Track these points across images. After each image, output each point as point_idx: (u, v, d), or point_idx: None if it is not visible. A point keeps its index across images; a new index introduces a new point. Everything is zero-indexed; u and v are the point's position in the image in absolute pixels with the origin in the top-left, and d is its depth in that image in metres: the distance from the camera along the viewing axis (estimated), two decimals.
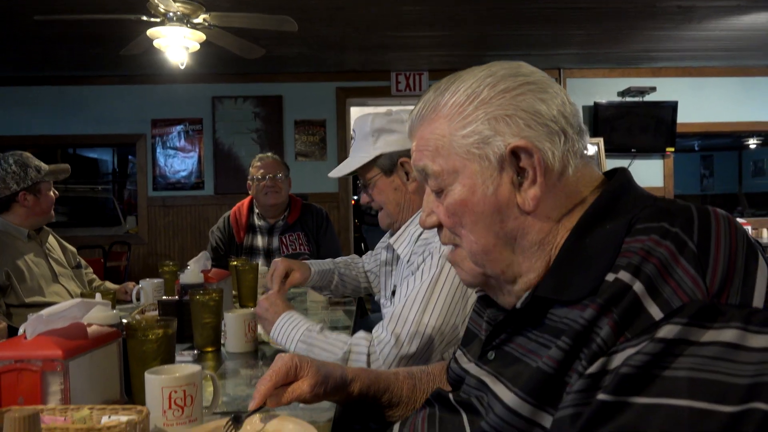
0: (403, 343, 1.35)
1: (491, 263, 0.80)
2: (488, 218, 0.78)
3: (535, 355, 0.73)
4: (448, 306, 1.38)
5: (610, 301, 0.62)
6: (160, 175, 5.96)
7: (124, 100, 5.89)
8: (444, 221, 0.83)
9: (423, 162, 0.82)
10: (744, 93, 6.14)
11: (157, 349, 1.12)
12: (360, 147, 1.67)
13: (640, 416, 0.56)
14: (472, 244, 0.80)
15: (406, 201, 1.64)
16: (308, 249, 3.11)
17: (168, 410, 0.96)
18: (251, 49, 3.95)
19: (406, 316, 1.38)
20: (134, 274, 5.52)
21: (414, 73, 5.93)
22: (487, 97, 0.77)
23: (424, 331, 1.36)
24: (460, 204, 0.79)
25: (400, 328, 1.37)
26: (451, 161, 0.79)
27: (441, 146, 0.80)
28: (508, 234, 0.78)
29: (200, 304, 1.58)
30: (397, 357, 1.34)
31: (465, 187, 0.78)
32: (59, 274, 2.49)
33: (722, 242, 0.63)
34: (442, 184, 0.81)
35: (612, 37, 4.96)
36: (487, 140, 0.77)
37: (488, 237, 0.78)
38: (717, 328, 0.58)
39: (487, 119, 0.77)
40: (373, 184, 1.66)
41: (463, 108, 0.78)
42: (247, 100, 5.91)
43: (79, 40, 4.70)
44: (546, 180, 0.75)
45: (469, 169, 0.78)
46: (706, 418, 0.54)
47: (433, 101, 0.82)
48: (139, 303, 2.24)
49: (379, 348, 1.36)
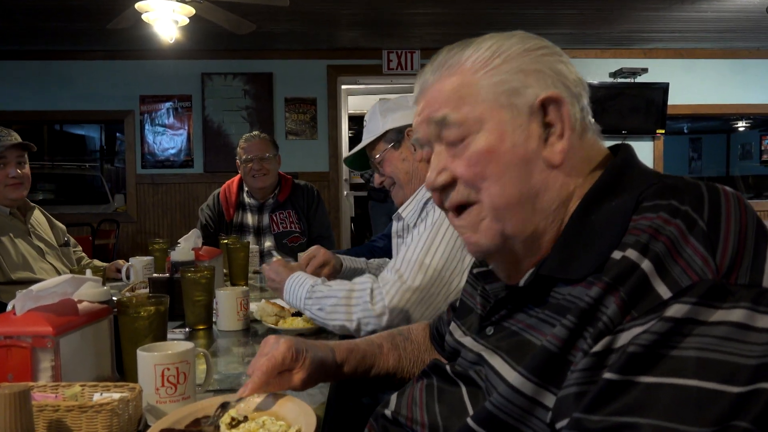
0: (407, 279, 1.42)
1: (513, 219, 0.76)
2: (515, 169, 0.75)
3: (537, 331, 0.72)
4: (450, 251, 1.45)
5: (617, 280, 0.62)
6: (149, 152, 5.90)
7: (111, 76, 5.80)
8: (463, 173, 0.78)
9: (442, 111, 0.78)
10: (734, 75, 6.16)
11: (149, 326, 1.12)
12: (370, 129, 1.77)
13: (646, 395, 0.56)
14: (495, 197, 0.76)
15: (415, 169, 1.72)
16: (299, 227, 3.09)
17: (161, 388, 0.95)
18: (241, 24, 3.89)
19: (409, 258, 1.45)
20: (123, 253, 5.49)
21: (406, 51, 5.88)
22: (513, 53, 0.77)
23: (426, 271, 1.43)
24: (485, 153, 0.76)
25: (404, 268, 1.44)
26: (478, 109, 0.76)
27: (467, 94, 0.77)
28: (532, 189, 0.76)
29: (191, 282, 1.57)
30: (400, 290, 1.41)
31: (492, 135, 0.76)
32: (45, 252, 2.46)
33: (732, 221, 0.62)
34: (465, 133, 0.77)
35: (604, 16, 4.93)
36: (518, 90, 0.76)
37: (513, 189, 0.75)
38: (726, 308, 0.57)
39: (516, 72, 0.76)
40: (382, 159, 1.74)
41: (489, 61, 0.77)
42: (237, 77, 5.84)
43: (64, 13, 4.60)
44: (571, 135, 0.76)
45: (498, 117, 0.76)
46: (713, 397, 0.54)
47: (452, 58, 0.80)
48: (129, 281, 2.22)
49: (382, 283, 1.43)
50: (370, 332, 1.36)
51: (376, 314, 1.39)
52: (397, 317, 1.40)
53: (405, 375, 1.10)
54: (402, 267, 1.45)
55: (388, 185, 1.78)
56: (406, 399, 0.87)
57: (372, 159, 1.79)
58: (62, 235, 2.65)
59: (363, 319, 1.40)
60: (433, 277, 1.43)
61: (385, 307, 1.39)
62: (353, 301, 1.43)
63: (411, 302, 1.41)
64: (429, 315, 1.44)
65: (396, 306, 1.40)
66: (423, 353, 1.13)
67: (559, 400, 0.63)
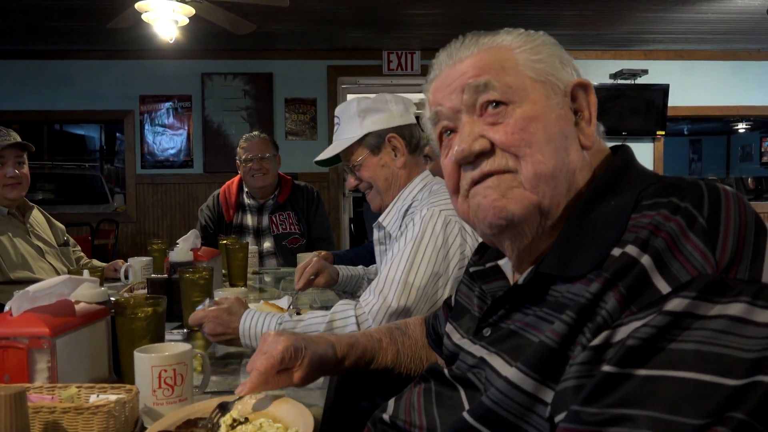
0: (391, 301, 1.38)
1: (552, 191, 0.75)
2: (558, 141, 0.76)
3: (534, 329, 0.72)
4: (432, 266, 1.42)
5: (617, 275, 0.62)
6: (149, 152, 5.89)
7: (111, 76, 5.80)
8: (506, 140, 0.75)
9: (484, 77, 0.78)
10: (734, 77, 6.15)
11: (146, 327, 1.11)
12: (346, 129, 1.69)
13: (644, 387, 0.56)
14: (539, 165, 0.74)
15: (395, 177, 1.67)
16: (298, 228, 3.09)
17: (158, 389, 0.95)
18: (241, 24, 3.88)
19: (392, 277, 1.41)
20: (122, 253, 5.49)
21: (406, 52, 5.87)
22: (544, 42, 0.81)
23: (410, 291, 1.40)
24: (532, 120, 0.76)
25: (386, 289, 1.40)
26: (521, 80, 0.78)
27: (510, 66, 0.79)
28: (570, 164, 0.77)
29: (190, 282, 1.57)
30: (387, 314, 1.37)
31: (536, 106, 0.77)
32: (44, 251, 2.45)
33: (732, 218, 0.62)
34: (509, 99, 0.77)
35: (604, 18, 4.93)
36: (557, 71, 0.79)
37: (556, 160, 0.75)
38: (725, 302, 0.57)
39: (551, 55, 0.80)
40: (360, 165, 1.67)
41: (526, 42, 0.80)
42: (237, 77, 5.84)
43: (64, 12, 4.60)
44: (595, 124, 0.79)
45: (539, 91, 0.78)
46: (711, 390, 0.54)
47: (484, 38, 0.82)
48: (127, 281, 2.22)
49: (367, 307, 1.38)
50: None
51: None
52: None
53: (402, 370, 1.11)
54: (385, 288, 1.40)
55: (363, 189, 1.73)
56: (404, 403, 0.87)
57: (347, 162, 1.71)
58: (61, 235, 2.64)
59: None
60: (417, 296, 1.40)
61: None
62: (336, 331, 1.34)
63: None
64: None
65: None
66: (420, 349, 1.14)
67: (558, 394, 0.63)
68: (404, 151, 1.66)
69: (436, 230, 1.44)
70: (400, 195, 1.66)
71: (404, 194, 1.67)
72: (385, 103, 1.67)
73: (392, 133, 1.65)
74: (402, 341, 1.12)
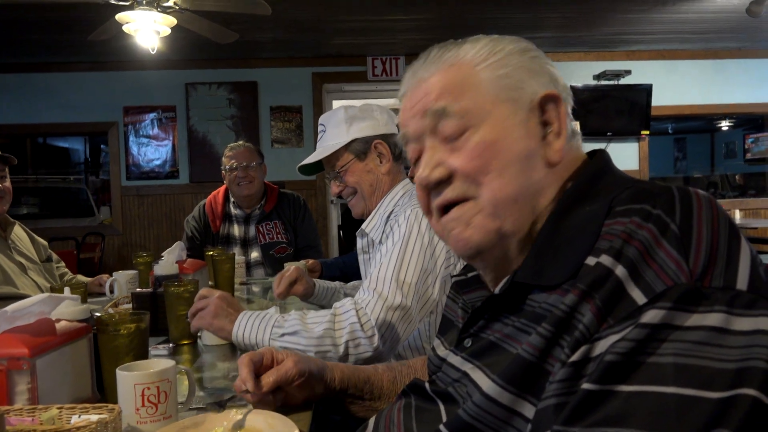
0: (387, 296, 1.39)
1: (514, 215, 0.74)
2: (518, 164, 0.74)
3: (513, 340, 0.71)
4: (422, 264, 1.43)
5: (592, 287, 0.61)
6: (134, 164, 5.85)
7: (94, 87, 5.75)
8: (463, 166, 0.75)
9: (441, 102, 0.76)
10: (716, 75, 6.21)
11: (129, 344, 1.09)
12: (332, 136, 1.71)
13: (626, 404, 0.54)
14: (497, 191, 0.74)
15: (379, 182, 1.70)
16: (286, 238, 3.07)
17: (141, 408, 0.93)
18: (224, 33, 3.87)
19: (384, 276, 1.42)
20: (109, 266, 5.43)
21: (391, 57, 5.88)
22: (511, 51, 0.78)
23: (403, 288, 1.41)
24: (490, 144, 0.74)
25: (380, 286, 1.41)
26: (480, 101, 0.75)
27: (468, 86, 0.76)
28: (532, 186, 0.75)
29: (175, 296, 1.55)
30: (384, 308, 1.38)
31: (495, 128, 0.74)
32: (27, 267, 2.42)
33: (704, 224, 0.61)
34: (466, 124, 0.75)
35: (587, 19, 4.97)
36: (519, 86, 0.76)
37: (516, 185, 0.74)
38: (701, 312, 0.56)
39: (517, 68, 0.77)
40: (346, 170, 1.70)
41: (489, 56, 0.77)
42: (222, 87, 5.82)
43: (44, 25, 4.56)
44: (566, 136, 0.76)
45: (501, 111, 0.75)
46: (693, 404, 0.53)
47: (447, 52, 0.79)
48: (113, 296, 2.19)
49: (364, 304, 1.39)
50: (360, 354, 1.34)
51: (366, 335, 1.34)
52: (386, 335, 1.37)
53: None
54: (379, 286, 1.41)
55: (346, 195, 1.74)
56: (384, 420, 0.86)
57: (331, 167, 1.73)
58: (44, 251, 2.61)
59: (352, 341, 1.34)
60: (410, 292, 1.41)
61: (373, 326, 1.35)
62: (337, 325, 1.36)
63: (395, 319, 1.38)
64: (410, 330, 1.43)
65: (383, 324, 1.37)
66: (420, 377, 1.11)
67: (539, 413, 0.61)
68: (389, 158, 1.70)
69: (421, 229, 1.47)
70: (382, 202, 1.68)
71: (386, 201, 1.69)
72: (371, 111, 1.72)
73: (378, 139, 1.69)
74: (399, 369, 1.10)
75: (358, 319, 1.36)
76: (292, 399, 1.00)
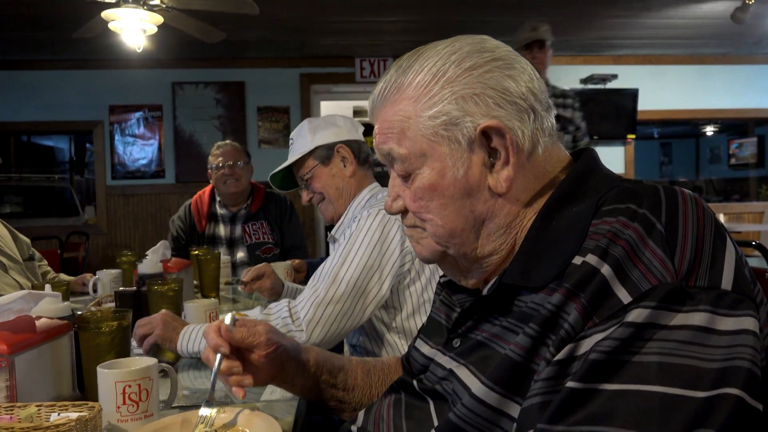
0: (320, 292, 1.45)
1: (455, 245, 0.78)
2: (458, 202, 0.76)
3: (501, 340, 0.71)
4: (365, 262, 1.47)
5: (578, 286, 0.61)
6: (119, 163, 5.80)
7: (79, 86, 5.70)
8: (410, 206, 0.80)
9: (388, 145, 0.79)
10: (701, 81, 6.29)
11: (110, 342, 1.08)
12: (298, 146, 1.80)
13: (610, 403, 0.55)
14: (438, 228, 0.78)
15: (345, 185, 1.76)
16: (272, 238, 3.05)
17: (122, 406, 0.92)
18: (211, 32, 3.85)
19: (326, 272, 1.48)
20: (93, 266, 5.37)
21: (378, 59, 5.89)
22: (453, 75, 0.74)
23: (339, 284, 1.46)
24: (428, 188, 0.76)
25: (319, 283, 1.47)
26: (418, 144, 0.76)
27: (407, 128, 0.76)
28: (477, 217, 0.76)
29: (158, 294, 1.53)
30: (314, 304, 1.43)
31: (434, 171, 0.76)
32: (8, 267, 2.38)
33: (690, 223, 0.62)
34: (409, 168, 0.78)
35: (574, 23, 5.00)
36: (456, 121, 0.74)
37: (456, 221, 0.77)
38: (686, 311, 0.57)
39: (455, 99, 0.74)
40: (311, 176, 1.77)
41: (428, 88, 0.75)
42: (209, 86, 5.79)
43: (28, 22, 4.51)
44: (517, 160, 0.74)
45: (438, 151, 0.75)
46: (677, 403, 0.53)
47: (395, 81, 0.79)
48: (96, 295, 2.17)
49: (298, 299, 1.46)
50: None
51: (297, 329, 1.41)
52: (316, 331, 1.42)
53: (374, 391, 1.06)
54: (317, 281, 1.48)
55: (316, 202, 1.81)
56: (374, 415, 0.85)
57: (300, 176, 1.80)
58: (27, 249, 2.57)
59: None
60: (347, 289, 1.45)
61: (301, 323, 1.41)
62: (270, 318, 1.43)
63: (326, 315, 1.43)
64: (348, 328, 1.46)
65: (312, 319, 1.42)
66: (393, 374, 1.09)
67: (523, 411, 0.61)
68: (353, 161, 1.76)
69: (373, 226, 1.51)
70: (350, 206, 1.74)
71: (354, 205, 1.75)
72: (334, 120, 1.80)
73: (341, 144, 1.75)
74: (373, 364, 1.10)
75: (289, 314, 1.42)
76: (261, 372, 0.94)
